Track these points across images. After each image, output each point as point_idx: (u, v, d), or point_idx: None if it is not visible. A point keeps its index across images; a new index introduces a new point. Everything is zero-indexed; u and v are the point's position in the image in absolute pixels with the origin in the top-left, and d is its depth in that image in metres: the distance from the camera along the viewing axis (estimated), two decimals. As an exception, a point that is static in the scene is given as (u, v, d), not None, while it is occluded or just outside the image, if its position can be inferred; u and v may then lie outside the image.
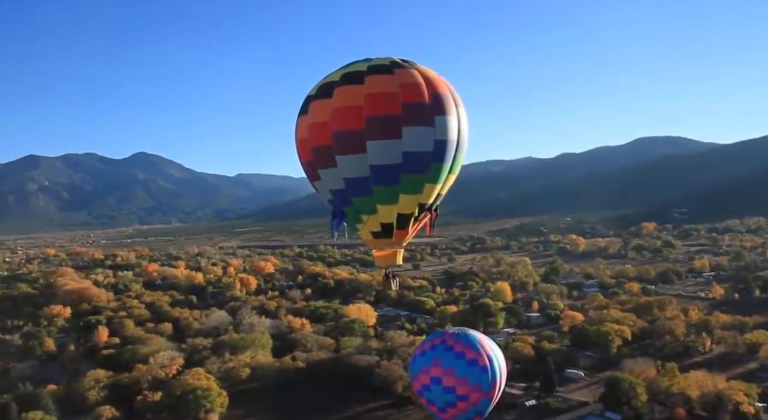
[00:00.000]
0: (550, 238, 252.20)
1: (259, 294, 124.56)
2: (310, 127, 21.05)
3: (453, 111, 21.02)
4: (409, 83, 20.33)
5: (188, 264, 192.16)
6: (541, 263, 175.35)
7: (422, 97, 20.26)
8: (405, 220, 21.87)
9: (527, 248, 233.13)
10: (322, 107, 20.58)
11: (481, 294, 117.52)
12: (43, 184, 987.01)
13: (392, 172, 20.33)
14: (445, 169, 21.45)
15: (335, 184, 21.21)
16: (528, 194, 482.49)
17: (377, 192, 20.84)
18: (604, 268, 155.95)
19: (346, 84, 20.42)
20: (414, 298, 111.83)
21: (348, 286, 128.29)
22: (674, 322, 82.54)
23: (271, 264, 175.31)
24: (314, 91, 21.46)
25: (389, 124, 19.81)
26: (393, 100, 19.90)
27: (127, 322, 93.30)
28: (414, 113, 19.98)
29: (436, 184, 21.55)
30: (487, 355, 24.46)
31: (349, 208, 21.91)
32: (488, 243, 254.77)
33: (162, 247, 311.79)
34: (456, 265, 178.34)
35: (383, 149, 19.94)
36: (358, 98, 19.98)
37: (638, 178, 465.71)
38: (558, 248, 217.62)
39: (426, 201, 21.81)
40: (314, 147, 21.06)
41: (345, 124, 20.01)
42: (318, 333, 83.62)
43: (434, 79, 21.09)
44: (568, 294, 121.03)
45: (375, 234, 22.31)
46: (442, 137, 20.62)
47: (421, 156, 20.37)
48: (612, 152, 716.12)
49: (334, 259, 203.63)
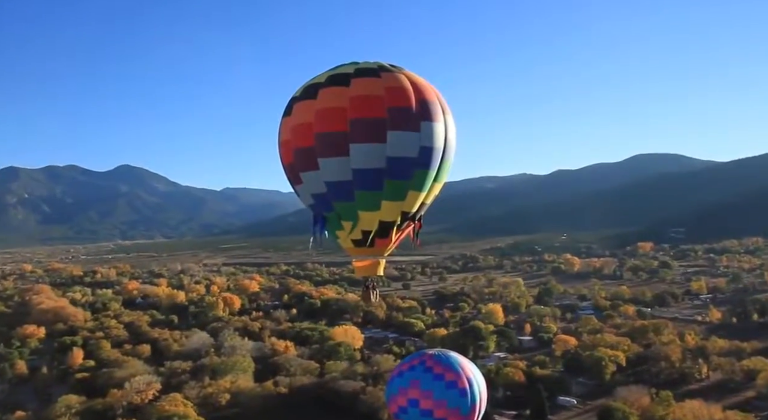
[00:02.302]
0: (545, 258, 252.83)
1: (242, 314, 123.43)
2: (293, 129, 21.04)
3: (440, 118, 20.92)
4: (396, 87, 20.33)
5: (170, 282, 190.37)
6: (535, 284, 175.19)
7: (409, 101, 20.22)
8: (387, 229, 21.73)
9: (521, 268, 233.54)
10: (306, 108, 20.61)
11: (472, 316, 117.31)
12: (23, 197, 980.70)
13: (375, 177, 20.26)
14: (430, 177, 21.28)
15: (317, 187, 21.11)
16: (522, 212, 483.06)
17: (359, 197, 20.71)
18: (599, 289, 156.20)
19: (331, 86, 20.41)
20: (403, 319, 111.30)
21: (335, 306, 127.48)
22: (670, 347, 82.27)
23: (257, 282, 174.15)
24: (299, 92, 21.52)
25: (374, 127, 19.78)
26: (379, 103, 19.88)
27: (103, 343, 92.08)
28: (400, 118, 19.95)
29: (420, 192, 21.40)
30: (467, 377, 24.12)
31: (330, 214, 21.73)
32: (481, 262, 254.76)
33: (144, 264, 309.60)
34: (447, 285, 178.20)
35: (367, 152, 19.87)
36: (342, 100, 19.94)
37: (635, 196, 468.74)
38: (552, 268, 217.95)
39: (409, 209, 21.68)
40: (297, 149, 21.00)
41: (328, 126, 19.97)
42: (302, 356, 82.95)
43: (422, 85, 21.06)
44: (561, 316, 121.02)
45: (356, 242, 22.08)
46: (427, 144, 20.52)
47: (406, 161, 20.32)
48: (608, 169, 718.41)
49: (322, 277, 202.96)
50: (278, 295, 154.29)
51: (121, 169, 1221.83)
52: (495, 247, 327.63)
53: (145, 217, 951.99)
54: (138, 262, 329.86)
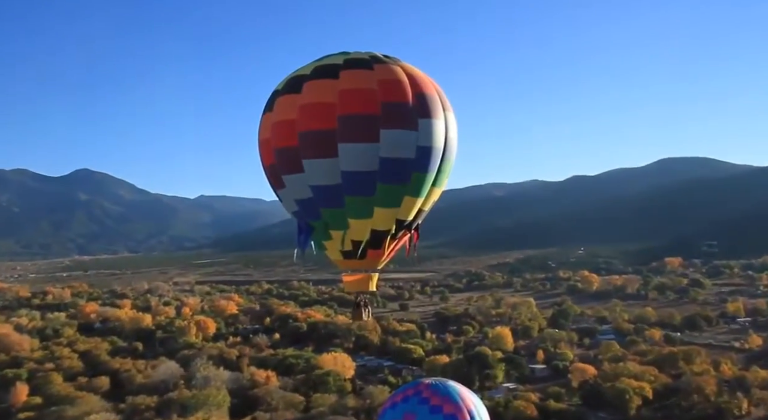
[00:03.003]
0: (559, 275, 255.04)
1: (218, 340, 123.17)
2: (274, 126, 21.30)
3: (440, 114, 21.15)
4: (391, 80, 20.53)
5: (135, 303, 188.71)
6: (548, 304, 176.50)
7: (405, 96, 20.44)
8: (380, 238, 21.98)
9: (532, 286, 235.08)
10: (289, 103, 20.85)
11: (477, 341, 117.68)
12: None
13: (367, 181, 20.46)
14: (428, 181, 21.51)
15: (301, 192, 21.34)
16: (534, 223, 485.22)
17: (349, 203, 20.90)
18: (621, 310, 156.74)
19: (317, 78, 20.65)
20: (400, 345, 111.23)
21: (323, 330, 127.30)
22: (704, 378, 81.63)
23: (235, 303, 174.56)
24: (281, 85, 21.78)
25: (365, 124, 19.99)
26: (371, 97, 20.07)
27: (53, 376, 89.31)
28: (395, 114, 20.13)
29: (417, 198, 21.66)
30: (468, 410, 24.32)
31: (316, 222, 21.93)
32: (487, 280, 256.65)
33: (105, 283, 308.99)
34: (449, 306, 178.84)
35: (357, 153, 20.07)
36: (330, 94, 20.15)
37: (661, 205, 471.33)
38: (568, 287, 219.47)
39: (405, 217, 21.93)
40: (278, 148, 21.24)
41: (314, 123, 20.22)
42: (285, 388, 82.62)
43: (419, 78, 21.29)
44: (578, 342, 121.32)
45: (345, 254, 22.33)
46: (426, 143, 20.74)
47: (401, 163, 20.53)
48: (631, 175, 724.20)
49: (309, 297, 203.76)
50: (259, 317, 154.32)
51: (79, 174, 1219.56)
52: (503, 262, 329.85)
53: (107, 228, 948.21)
54: (98, 280, 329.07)
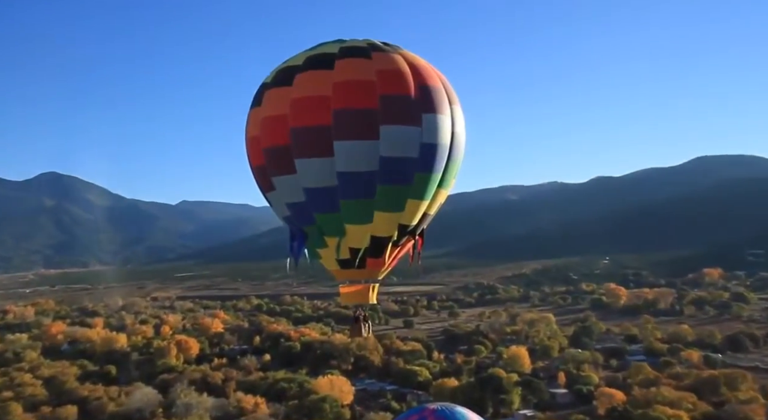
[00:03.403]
0: (582, 288, 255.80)
1: (201, 362, 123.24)
2: (263, 122, 21.45)
3: (446, 109, 21.38)
4: (391, 70, 20.78)
5: (108, 322, 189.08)
6: (570, 321, 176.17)
7: (407, 88, 20.66)
8: (381, 246, 22.17)
9: (551, 300, 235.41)
10: (279, 97, 21.06)
11: (490, 361, 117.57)
12: None
13: (366, 182, 20.67)
14: (434, 182, 21.74)
15: (293, 195, 21.56)
16: (553, 229, 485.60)
17: (346, 207, 21.11)
18: (653, 328, 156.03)
19: (310, 69, 20.88)
20: (404, 366, 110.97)
21: (319, 350, 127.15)
22: (751, 406, 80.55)
23: (220, 321, 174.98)
24: (270, 77, 22.02)
25: (363, 120, 20.20)
26: (369, 90, 20.32)
27: (13, 406, 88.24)
28: (396, 108, 20.37)
29: (422, 200, 21.87)
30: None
31: (310, 228, 22.15)
32: (501, 293, 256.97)
33: (74, 299, 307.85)
34: (459, 323, 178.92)
35: (355, 152, 20.29)
36: (325, 87, 20.34)
37: (698, 209, 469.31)
38: (592, 301, 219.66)
39: (408, 222, 22.10)
40: (268, 148, 21.45)
41: (307, 119, 20.41)
42: (276, 416, 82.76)
43: (423, 68, 21.53)
44: (604, 363, 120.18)
45: (342, 263, 22.48)
46: (430, 140, 20.96)
47: (404, 163, 20.76)
48: (662, 176, 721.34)
49: (303, 313, 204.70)
50: (247, 336, 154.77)
51: (45, 178, 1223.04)
52: (519, 274, 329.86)
53: (77, 238, 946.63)
54: (66, 296, 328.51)
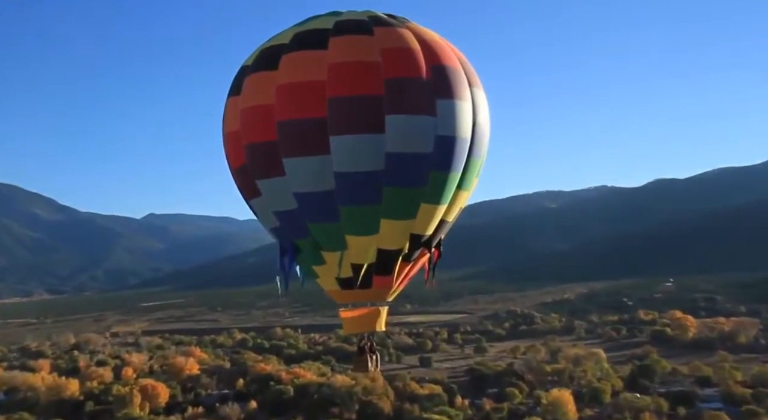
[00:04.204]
0: (639, 316, 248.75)
1: (172, 412, 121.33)
2: (243, 114, 21.67)
3: (465, 93, 21.64)
4: (398, 49, 20.93)
5: (57, 364, 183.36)
6: (625, 358, 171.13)
7: (417, 69, 20.89)
8: (389, 261, 22.42)
9: (601, 332, 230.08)
10: (262, 83, 21.26)
11: (526, 409, 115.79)
12: None
13: (369, 184, 20.82)
14: (452, 182, 22.04)
15: (282, 202, 21.72)
16: (602, 244, 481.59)
17: (347, 215, 21.21)
18: (732, 368, 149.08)
19: (300, 49, 21.12)
20: (420, 415, 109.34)
21: (316, 395, 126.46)
22: None
23: (196, 361, 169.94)
24: (252, 59, 22.22)
25: (366, 109, 20.40)
26: (372, 73, 20.49)
27: None
28: (404, 94, 20.55)
29: (438, 205, 22.14)
30: None
31: (303, 241, 22.30)
32: (539, 323, 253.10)
33: (14, 337, 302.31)
34: (487, 360, 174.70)
35: (356, 148, 20.47)
36: (317, 70, 20.52)
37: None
38: (652, 333, 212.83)
39: (422, 231, 22.35)
40: (250, 145, 21.65)
41: (297, 110, 20.60)
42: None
43: (437, 44, 21.69)
44: (670, 411, 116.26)
45: (344, 283, 22.84)
46: (447, 132, 21.17)
47: (415, 160, 20.97)
48: (737, 177, 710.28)
49: (297, 349, 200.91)
50: (229, 379, 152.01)
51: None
52: (561, 299, 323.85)
53: (19, 261, 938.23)
54: (3, 334, 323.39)
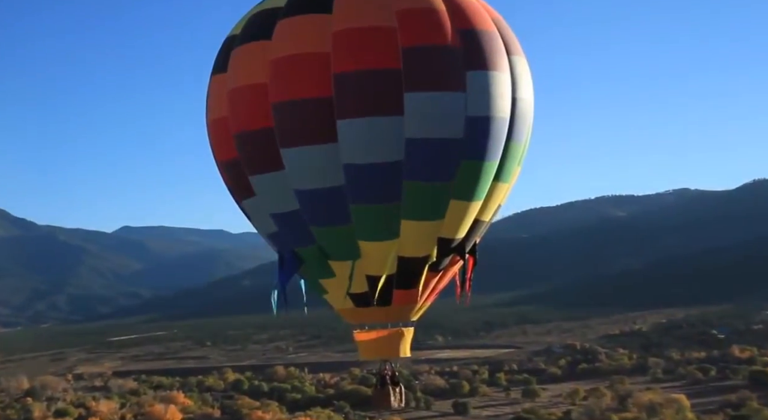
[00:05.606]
0: (733, 353, 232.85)
1: None
2: (232, 96, 19.79)
3: (503, 63, 19.55)
4: (418, 10, 18.86)
5: (6, 415, 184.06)
6: (716, 406, 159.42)
7: (442, 35, 18.76)
8: (413, 271, 20.84)
9: (684, 373, 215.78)
10: (253, 57, 19.49)
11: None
12: None
13: (386, 178, 19.20)
14: (488, 174, 20.17)
15: (281, 202, 20.14)
16: (684, 261, 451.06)
17: (359, 216, 19.68)
18: None
19: (298, 13, 19.22)
20: None
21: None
22: None
23: (179, 408, 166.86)
24: (239, 27, 20.77)
25: (380, 86, 18.41)
26: (387, 41, 18.53)
27: None
28: (427, 66, 18.66)
29: (471, 202, 20.31)
30: None
31: (307, 250, 20.71)
32: (604, 360, 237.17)
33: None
34: (539, 407, 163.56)
35: (369, 134, 18.64)
36: (320, 39, 18.58)
37: None
38: (750, 374, 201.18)
39: (453, 234, 20.52)
40: (241, 133, 19.84)
41: (297, 89, 18.66)
42: None
43: (465, 3, 19.71)
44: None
45: (357, 299, 21.23)
46: (481, 112, 19.06)
47: (442, 147, 19.08)
48: None
49: (304, 393, 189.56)
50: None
51: None
52: (631, 330, 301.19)
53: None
54: None
